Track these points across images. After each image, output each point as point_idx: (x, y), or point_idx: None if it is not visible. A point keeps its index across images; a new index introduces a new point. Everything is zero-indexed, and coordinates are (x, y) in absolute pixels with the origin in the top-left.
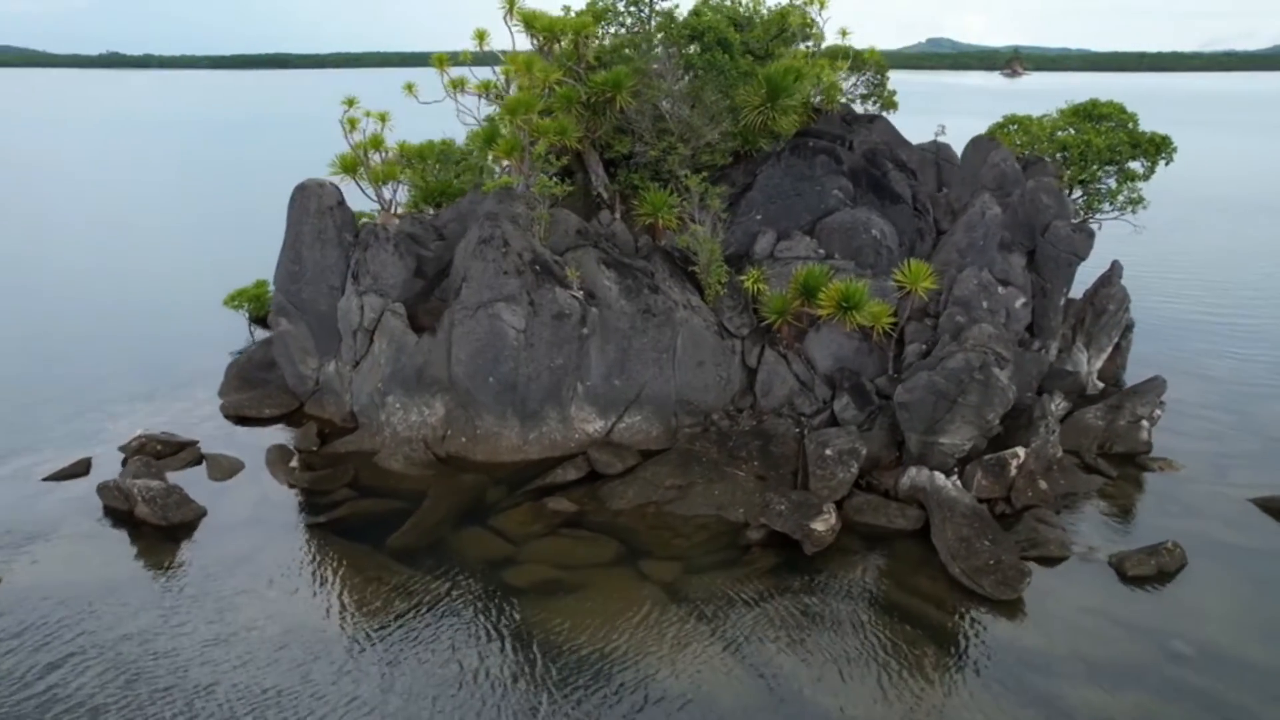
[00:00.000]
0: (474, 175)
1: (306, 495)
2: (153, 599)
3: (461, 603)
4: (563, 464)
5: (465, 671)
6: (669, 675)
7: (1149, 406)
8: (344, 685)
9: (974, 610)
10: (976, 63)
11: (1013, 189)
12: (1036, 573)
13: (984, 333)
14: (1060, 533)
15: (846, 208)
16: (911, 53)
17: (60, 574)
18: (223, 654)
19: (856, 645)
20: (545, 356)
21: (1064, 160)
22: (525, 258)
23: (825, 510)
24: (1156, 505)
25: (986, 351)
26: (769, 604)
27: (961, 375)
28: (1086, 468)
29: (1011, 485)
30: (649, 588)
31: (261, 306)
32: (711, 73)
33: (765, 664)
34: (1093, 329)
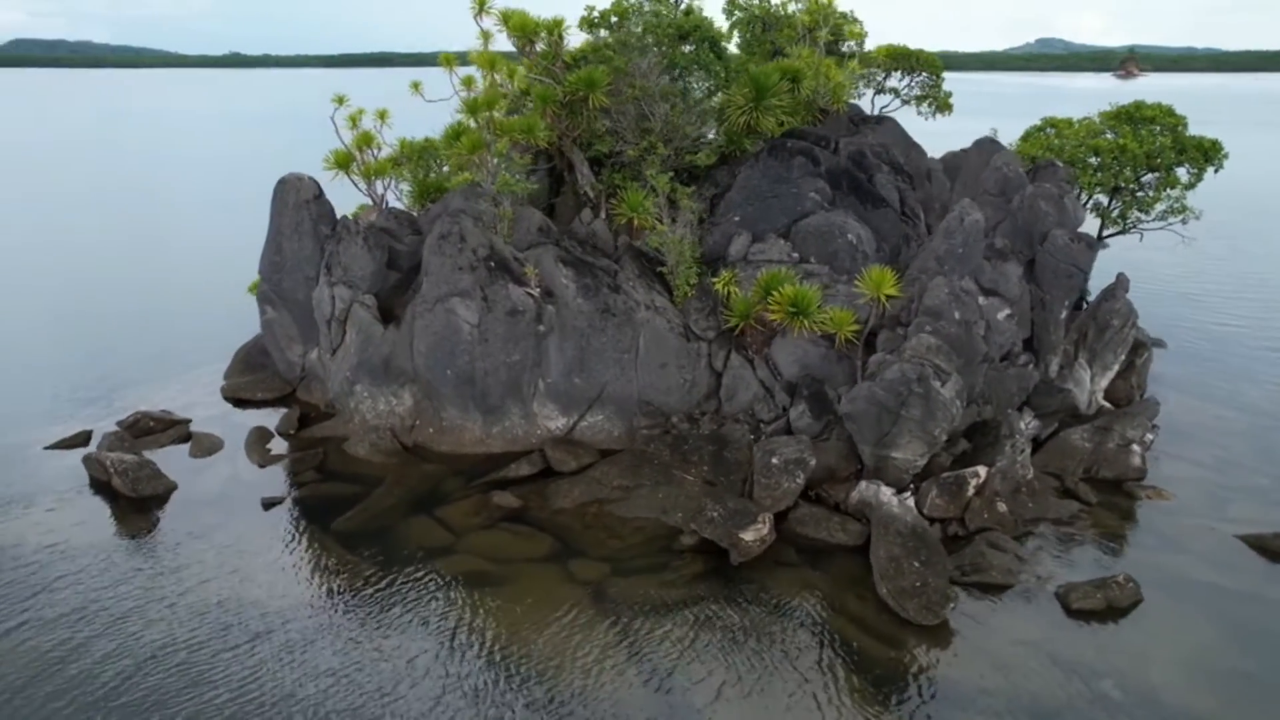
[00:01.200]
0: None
1: (272, 475)
2: (103, 562)
3: (387, 588)
4: (519, 459)
5: (369, 654)
6: (564, 676)
7: (1140, 429)
8: (246, 658)
9: (896, 634)
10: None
11: (1015, 194)
12: (974, 600)
13: (922, 344)
14: (1010, 559)
15: (823, 211)
16: (1017, 54)
17: (28, 534)
18: (144, 615)
19: (765, 663)
20: (501, 352)
21: (1095, 166)
22: (480, 254)
23: (759, 520)
24: (1131, 536)
25: (923, 364)
26: (687, 612)
27: (899, 387)
28: (1065, 492)
29: (967, 506)
30: (573, 587)
31: None
32: (697, 72)
33: (666, 674)
34: (1096, 345)
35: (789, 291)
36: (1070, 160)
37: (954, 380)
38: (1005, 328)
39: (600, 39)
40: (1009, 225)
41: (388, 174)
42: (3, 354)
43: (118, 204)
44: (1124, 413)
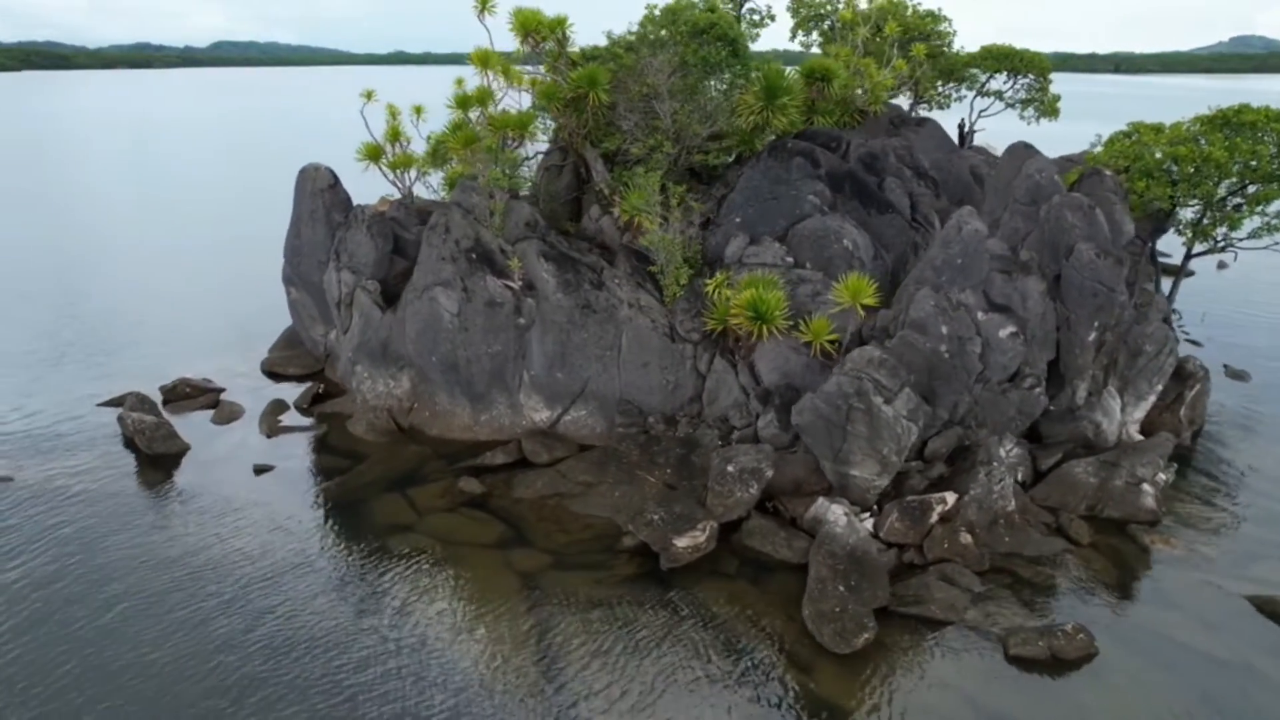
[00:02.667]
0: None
1: (275, 445)
2: (108, 508)
3: (337, 555)
4: (497, 448)
5: (281, 611)
6: (459, 657)
7: (1150, 467)
8: (178, 610)
9: (809, 659)
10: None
11: (1045, 204)
12: (908, 634)
13: (863, 356)
14: (959, 595)
15: (820, 214)
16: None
17: (56, 477)
18: (124, 556)
19: (662, 673)
20: (482, 342)
21: (1174, 177)
22: (463, 245)
23: (698, 528)
24: (1116, 584)
25: (861, 377)
26: (607, 611)
27: (838, 400)
28: (1056, 529)
29: (928, 533)
30: (508, 575)
31: None
32: (710, 71)
33: (560, 671)
34: (1128, 372)
35: (748, 296)
36: (1148, 170)
37: (905, 398)
38: (1008, 346)
39: (617, 37)
40: (1036, 237)
41: (413, 166)
42: (85, 324)
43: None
44: (1134, 447)
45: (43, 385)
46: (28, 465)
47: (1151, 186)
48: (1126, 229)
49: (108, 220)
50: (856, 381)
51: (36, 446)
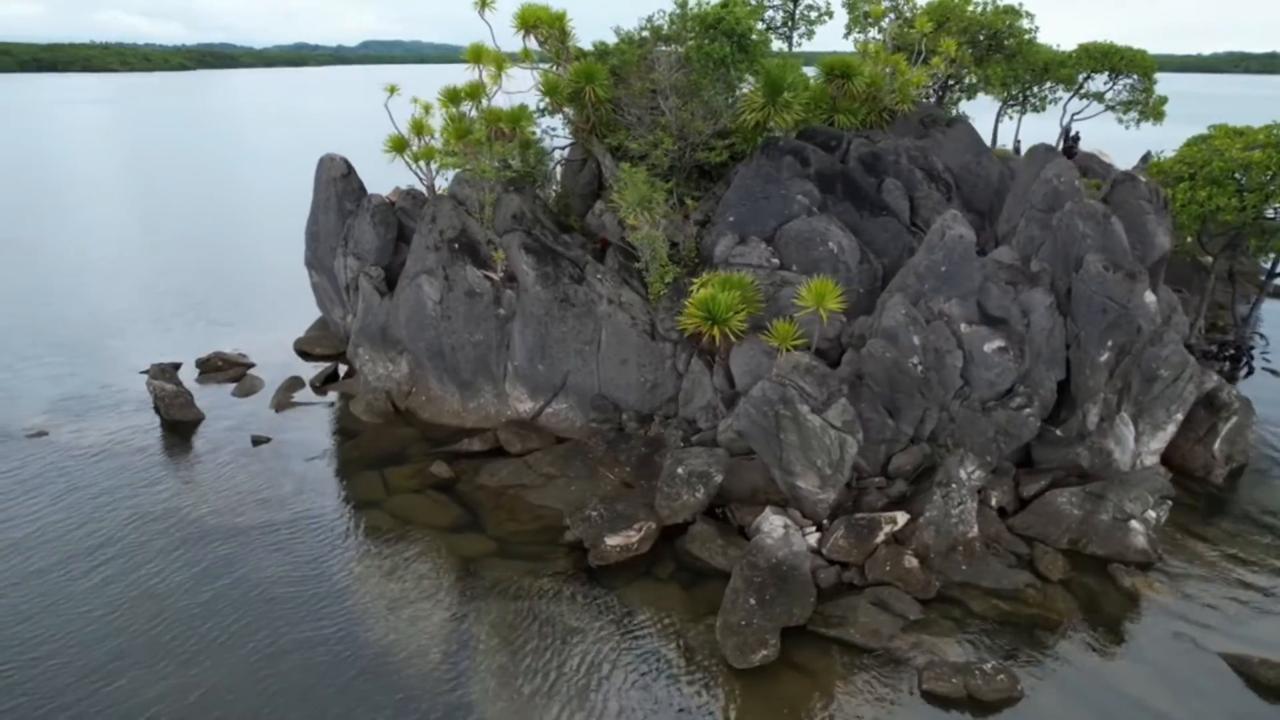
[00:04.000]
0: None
1: (281, 419)
2: (117, 464)
3: (298, 525)
4: (476, 435)
5: (243, 576)
6: (371, 637)
7: (1139, 503)
8: (134, 559)
9: (709, 672)
10: None
11: (1059, 212)
12: (823, 656)
13: (789, 363)
14: (889, 621)
15: (807, 215)
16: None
17: (85, 435)
18: (113, 507)
19: (563, 669)
20: (464, 330)
21: (1238, 184)
22: (447, 235)
23: (634, 528)
24: (1073, 627)
25: (785, 384)
26: (531, 603)
27: (764, 407)
28: (1027, 561)
29: (872, 553)
30: (450, 558)
31: None
32: (713, 68)
33: (463, 655)
34: (1143, 398)
35: (701, 296)
36: (1215, 178)
37: (839, 409)
38: (995, 362)
39: (626, 33)
40: (1049, 247)
41: (434, 158)
42: (143, 301)
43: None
44: (1123, 480)
45: (96, 353)
46: (63, 423)
47: (1215, 196)
48: (1159, 242)
49: (219, 205)
50: (781, 389)
51: (75, 407)
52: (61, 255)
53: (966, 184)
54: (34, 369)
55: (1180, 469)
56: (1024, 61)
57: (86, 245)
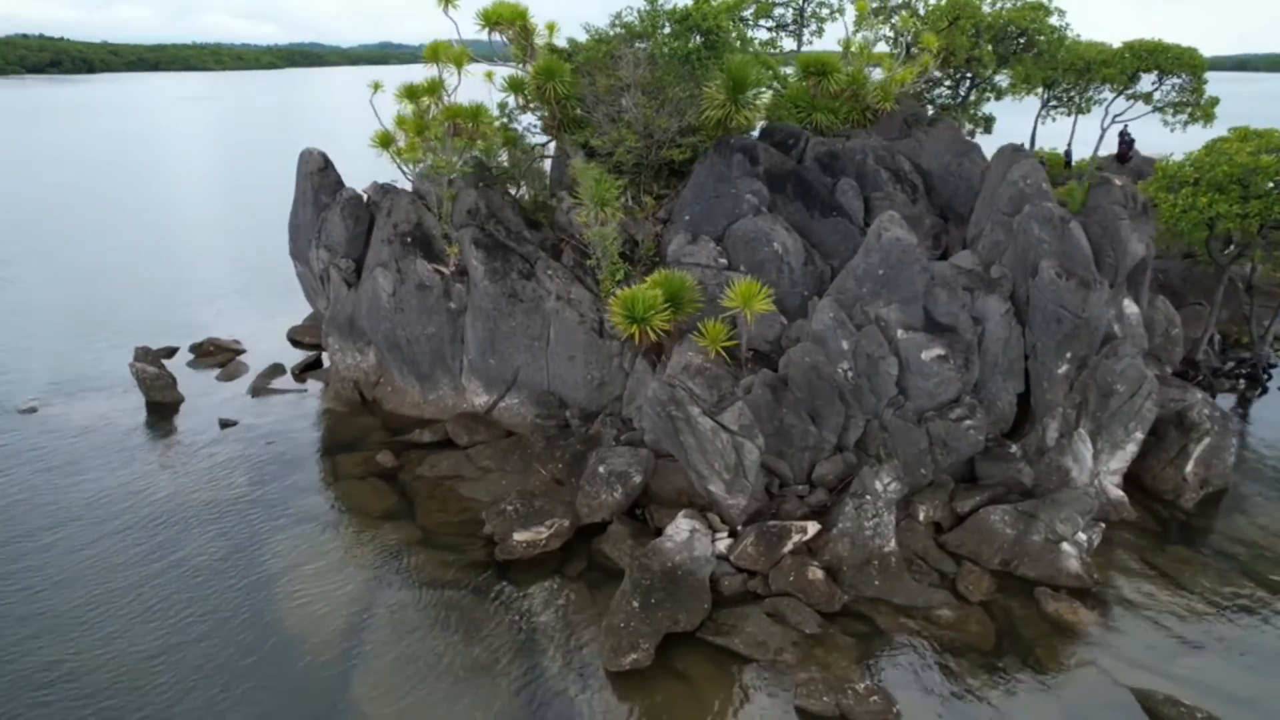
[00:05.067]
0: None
1: (255, 404)
2: (96, 441)
3: (240, 504)
4: (427, 427)
5: (172, 547)
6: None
7: (1069, 525)
8: (93, 543)
9: (588, 672)
10: None
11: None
12: (705, 664)
13: (680, 363)
14: (779, 632)
15: (753, 215)
16: None
17: (72, 415)
18: (82, 482)
19: (446, 658)
20: (417, 323)
21: (1241, 190)
22: (400, 229)
23: (545, 525)
24: (974, 652)
25: (675, 385)
26: (438, 592)
27: (658, 408)
28: (950, 580)
29: (778, 563)
30: (372, 544)
31: None
32: (679, 64)
33: (354, 637)
34: (1100, 414)
35: (622, 295)
36: (1218, 184)
37: (735, 412)
38: (933, 371)
39: (597, 30)
40: (1011, 252)
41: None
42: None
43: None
44: (1051, 500)
45: (102, 336)
46: (54, 401)
47: (1218, 202)
48: (1133, 249)
49: (264, 193)
50: (670, 389)
51: (69, 386)
52: (102, 241)
53: (948, 185)
54: (39, 349)
55: (1150, 491)
56: (1064, 60)
57: (130, 232)
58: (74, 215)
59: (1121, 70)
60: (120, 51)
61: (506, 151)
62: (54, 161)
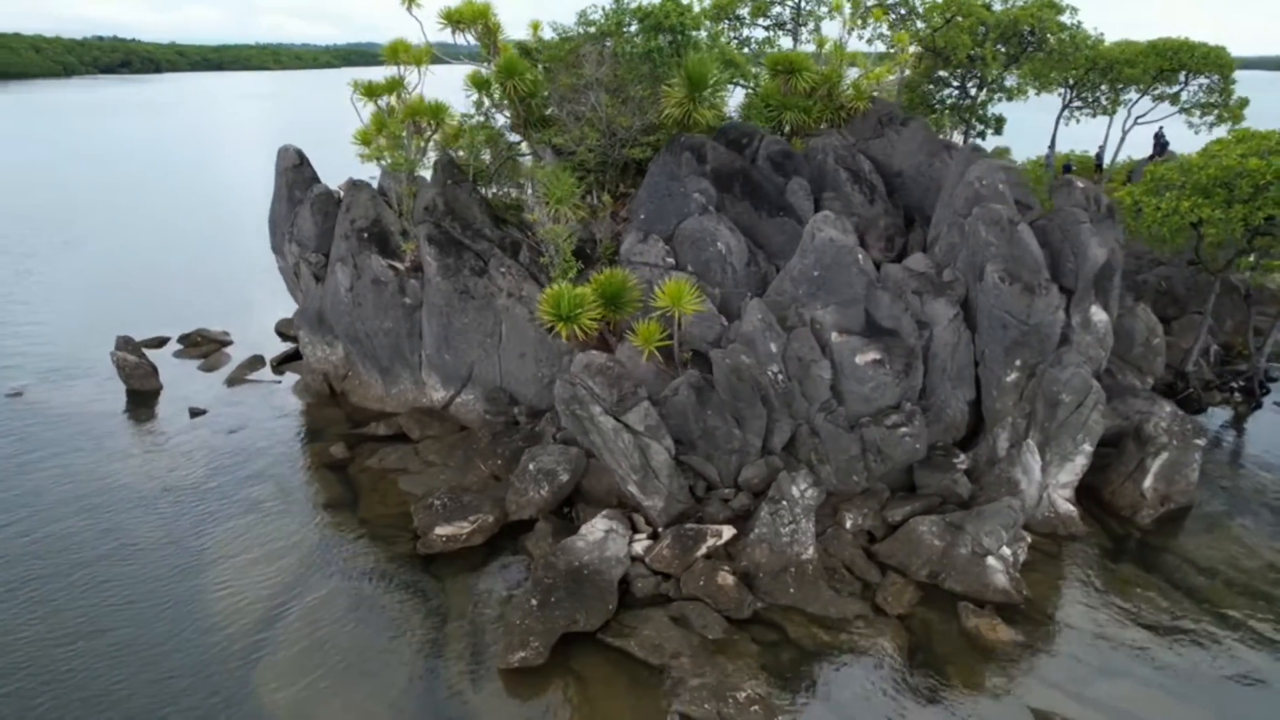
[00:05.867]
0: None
1: (229, 394)
2: (73, 426)
3: (192, 488)
4: (384, 420)
5: (119, 539)
6: (199, 607)
7: (995, 539)
8: (49, 524)
9: (479, 666)
10: None
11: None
12: (596, 665)
13: (582, 362)
14: (679, 637)
15: (699, 215)
16: None
17: (51, 395)
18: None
19: (347, 645)
20: (374, 318)
21: (1225, 193)
22: (358, 225)
23: (469, 520)
24: (890, 665)
25: (575, 384)
26: (353, 581)
27: (562, 406)
28: (871, 590)
29: (690, 566)
30: (309, 532)
31: None
32: (639, 62)
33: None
34: (1048, 425)
35: (551, 293)
36: (1203, 187)
37: (640, 412)
38: (869, 375)
39: (564, 28)
40: (964, 255)
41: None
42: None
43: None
44: (977, 512)
45: (99, 325)
46: (39, 386)
47: (1201, 206)
48: (1093, 254)
49: None
50: (571, 388)
51: (59, 373)
52: (129, 234)
53: (919, 186)
54: (39, 337)
55: (1108, 506)
56: (1084, 59)
57: (157, 225)
58: (111, 209)
59: (1145, 70)
60: (186, 52)
61: (489, 150)
62: (103, 157)
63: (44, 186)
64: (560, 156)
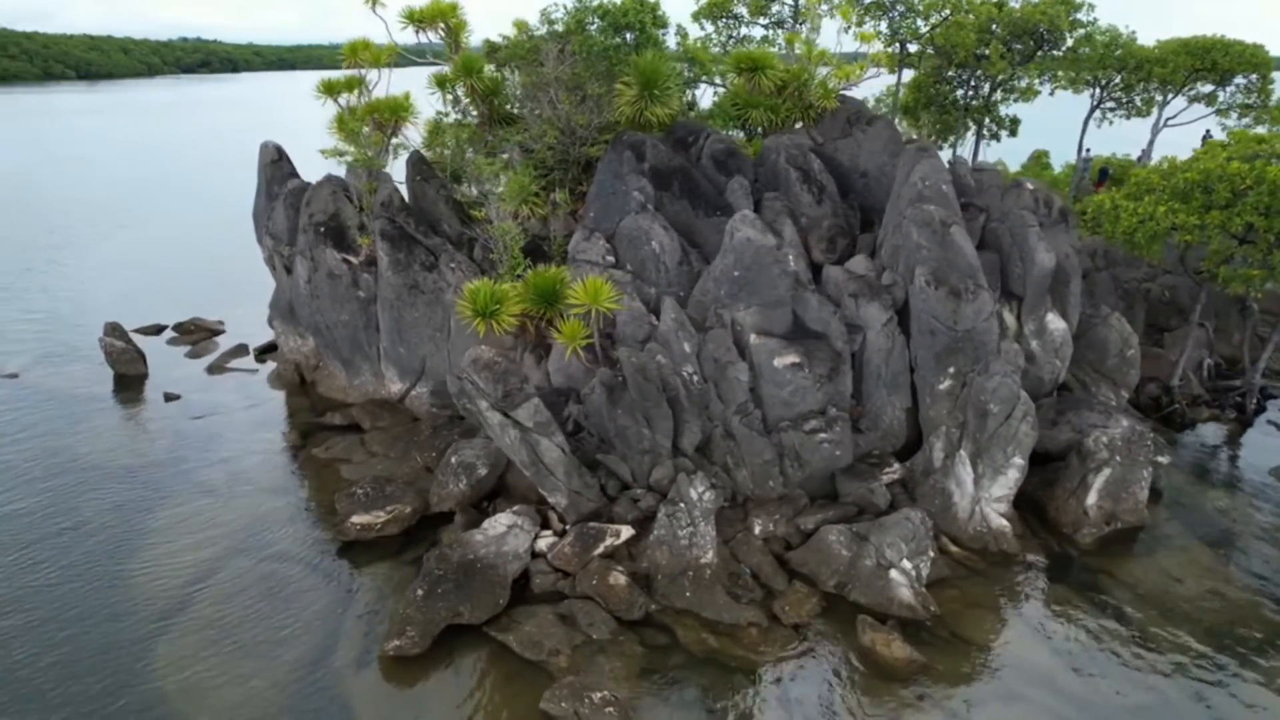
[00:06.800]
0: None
1: (208, 381)
2: (60, 407)
3: (147, 472)
4: (340, 411)
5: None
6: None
7: (896, 551)
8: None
9: (368, 654)
10: None
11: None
12: (474, 657)
13: (470, 356)
14: (562, 634)
15: (635, 213)
16: None
17: (45, 377)
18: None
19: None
20: (331, 310)
21: (1203, 197)
22: (315, 219)
23: (385, 510)
24: (770, 678)
25: (462, 378)
26: (269, 564)
27: (458, 402)
28: (770, 598)
29: (586, 565)
30: (244, 514)
31: None
32: (595, 60)
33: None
34: (980, 435)
35: (470, 289)
36: (1181, 192)
37: (529, 409)
38: (787, 379)
39: (527, 27)
40: (902, 258)
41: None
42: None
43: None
44: (879, 523)
45: (103, 312)
46: (35, 368)
47: (1177, 212)
48: (1040, 260)
49: None
50: (459, 383)
51: (55, 358)
52: (161, 228)
53: (881, 186)
54: (45, 323)
55: (1052, 523)
56: (1112, 58)
57: (189, 218)
58: (150, 202)
59: (1176, 69)
60: (263, 53)
61: (471, 147)
62: (163, 151)
63: (106, 181)
64: (527, 155)
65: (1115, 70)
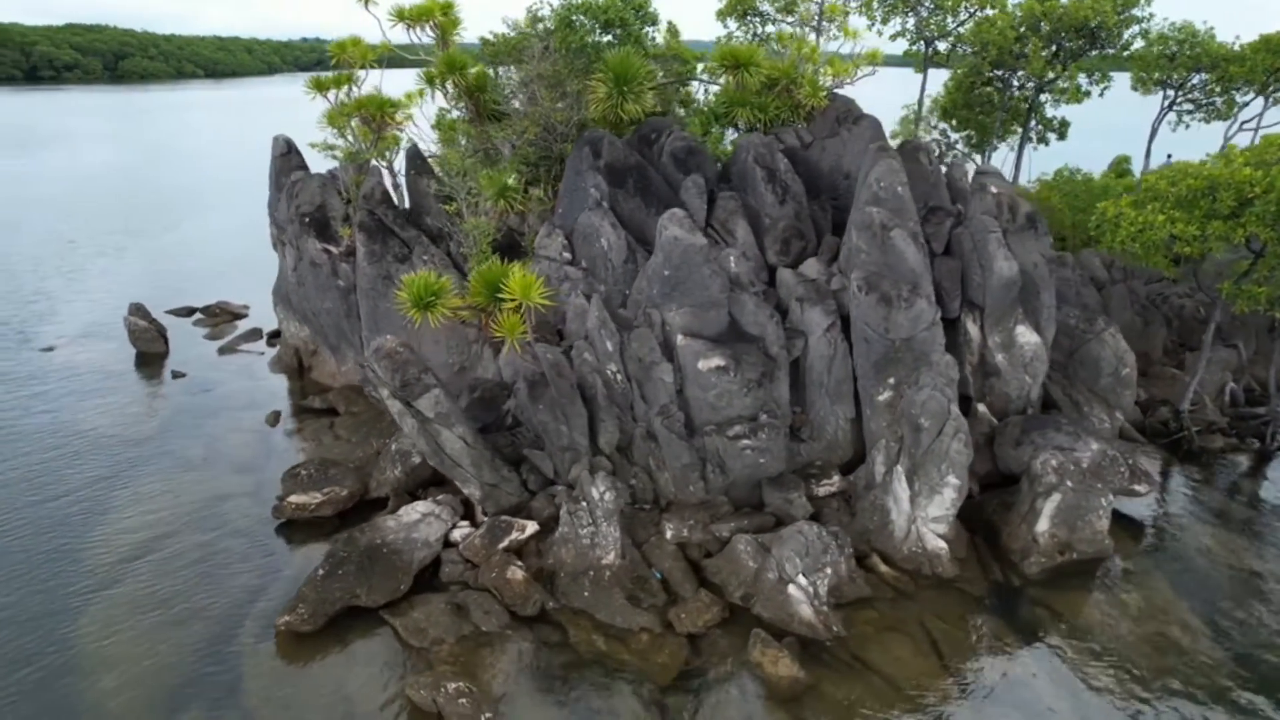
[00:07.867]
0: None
1: (217, 361)
2: (84, 379)
3: (126, 443)
4: (321, 395)
5: (51, 481)
6: (81, 550)
7: (792, 566)
8: (11, 470)
9: (262, 632)
10: None
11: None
12: (364, 637)
13: (373, 344)
14: (450, 624)
15: (592, 209)
16: None
17: (76, 353)
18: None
19: (168, 607)
20: (316, 298)
21: (1206, 205)
22: (301, 210)
23: (321, 492)
24: (648, 686)
25: (365, 366)
26: (214, 537)
27: (366, 390)
28: (668, 605)
29: (490, 557)
30: (205, 489)
31: None
32: (573, 57)
33: (123, 580)
34: (914, 451)
35: (408, 280)
36: (1184, 200)
37: (430, 399)
38: (712, 382)
39: (514, 24)
40: (853, 261)
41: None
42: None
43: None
44: (778, 536)
45: (147, 292)
46: (70, 344)
47: (1177, 220)
48: (999, 267)
49: None
50: (362, 371)
51: (92, 334)
52: (216, 218)
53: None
54: (88, 303)
55: (1001, 549)
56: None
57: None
58: (228, 191)
59: (1255, 67)
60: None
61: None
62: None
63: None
64: (514, 151)
65: (1189, 69)
